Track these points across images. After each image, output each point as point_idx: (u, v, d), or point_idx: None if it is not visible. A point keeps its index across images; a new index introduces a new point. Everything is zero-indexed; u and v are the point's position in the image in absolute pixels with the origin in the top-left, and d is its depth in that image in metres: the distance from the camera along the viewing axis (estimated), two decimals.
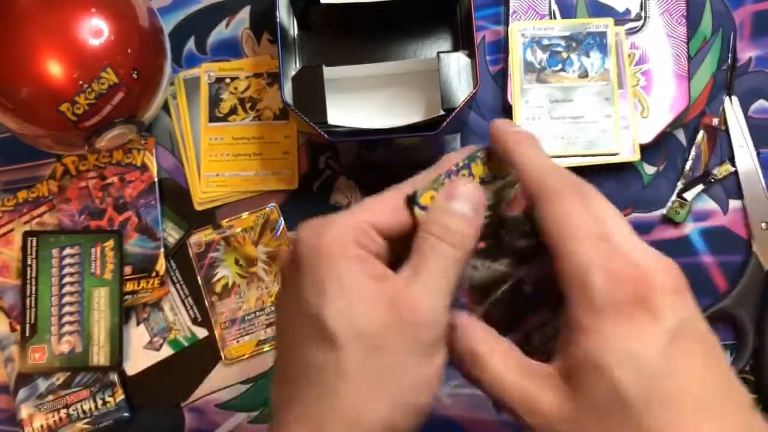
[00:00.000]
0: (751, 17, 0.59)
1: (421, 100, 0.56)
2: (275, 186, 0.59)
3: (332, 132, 0.52)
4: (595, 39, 0.57)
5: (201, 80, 0.60)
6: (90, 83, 0.49)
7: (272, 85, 0.60)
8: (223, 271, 0.58)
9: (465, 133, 0.59)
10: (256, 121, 0.60)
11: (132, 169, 0.59)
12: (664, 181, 0.58)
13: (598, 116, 0.56)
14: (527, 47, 0.58)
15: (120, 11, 0.51)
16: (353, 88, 0.57)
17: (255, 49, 0.61)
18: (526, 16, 0.59)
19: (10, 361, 0.57)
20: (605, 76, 0.57)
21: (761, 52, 0.59)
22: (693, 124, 0.59)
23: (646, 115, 0.57)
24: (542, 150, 0.35)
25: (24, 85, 0.49)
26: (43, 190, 0.59)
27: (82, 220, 0.58)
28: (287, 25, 0.56)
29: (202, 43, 0.61)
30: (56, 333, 0.56)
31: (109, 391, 0.57)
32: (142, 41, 0.52)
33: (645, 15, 0.58)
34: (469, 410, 0.56)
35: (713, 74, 0.59)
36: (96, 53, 0.49)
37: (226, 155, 0.59)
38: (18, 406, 0.57)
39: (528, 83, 0.57)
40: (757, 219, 0.57)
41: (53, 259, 0.57)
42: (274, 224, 0.58)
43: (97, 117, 0.50)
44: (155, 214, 0.59)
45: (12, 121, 0.51)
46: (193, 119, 0.60)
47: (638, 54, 0.58)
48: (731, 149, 0.58)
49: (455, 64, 0.52)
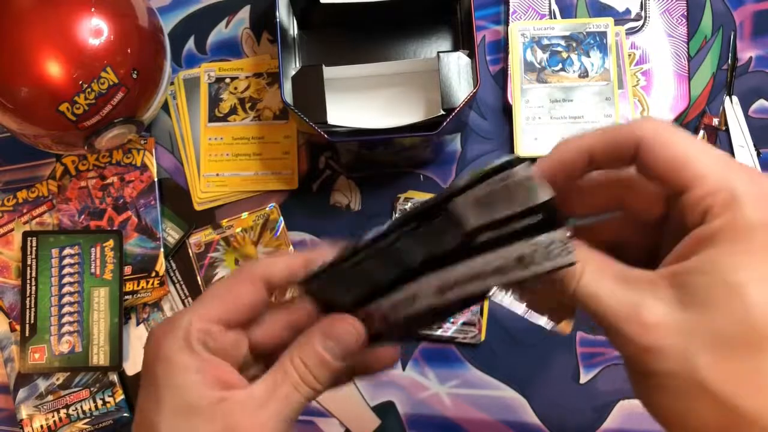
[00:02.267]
0: (751, 17, 0.59)
1: (421, 100, 0.56)
2: (275, 186, 0.59)
3: (332, 132, 0.52)
4: (595, 39, 0.57)
5: (201, 80, 0.60)
6: (90, 83, 0.49)
7: (272, 85, 0.60)
8: (223, 271, 0.58)
9: (465, 133, 0.59)
10: (256, 121, 0.60)
11: (132, 169, 0.59)
12: None
13: (598, 116, 0.56)
14: (527, 47, 0.58)
15: (120, 11, 0.51)
16: (353, 88, 0.57)
17: (255, 49, 0.61)
18: (526, 16, 0.59)
19: (10, 361, 0.57)
20: (605, 76, 0.57)
21: (761, 51, 0.59)
22: (693, 124, 0.59)
23: (646, 114, 0.57)
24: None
25: (24, 85, 0.49)
26: (43, 190, 0.59)
27: (82, 220, 0.58)
28: (287, 25, 0.56)
29: (201, 42, 0.61)
30: (56, 333, 0.56)
31: (109, 391, 0.57)
32: (142, 41, 0.52)
33: (645, 15, 0.58)
34: (469, 410, 0.56)
35: (713, 74, 0.59)
36: (96, 53, 0.49)
37: (226, 155, 0.59)
38: (18, 406, 0.57)
39: (528, 83, 0.57)
40: None
41: (53, 259, 0.57)
42: (274, 224, 0.58)
43: (96, 117, 0.50)
44: (155, 214, 0.59)
45: (12, 121, 0.51)
46: (192, 119, 0.60)
47: (638, 54, 0.58)
48: (731, 149, 0.58)
49: (455, 64, 0.52)
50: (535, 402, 0.56)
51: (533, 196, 0.27)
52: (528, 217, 0.28)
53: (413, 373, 0.57)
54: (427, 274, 0.31)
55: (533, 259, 0.28)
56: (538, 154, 0.56)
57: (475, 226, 0.28)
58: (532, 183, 0.27)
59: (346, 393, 0.57)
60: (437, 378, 0.57)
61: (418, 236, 0.30)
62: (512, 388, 0.56)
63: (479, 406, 0.56)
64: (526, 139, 0.57)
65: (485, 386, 0.56)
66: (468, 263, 0.30)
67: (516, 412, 0.56)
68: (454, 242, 0.29)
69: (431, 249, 0.30)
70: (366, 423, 0.57)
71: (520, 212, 0.27)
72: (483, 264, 0.29)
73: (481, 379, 0.56)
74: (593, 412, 0.56)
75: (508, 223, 0.28)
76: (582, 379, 0.56)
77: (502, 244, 0.28)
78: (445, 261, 0.30)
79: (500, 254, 0.29)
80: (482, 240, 0.29)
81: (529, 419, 0.56)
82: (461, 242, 0.29)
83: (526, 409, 0.56)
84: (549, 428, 0.56)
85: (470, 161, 0.59)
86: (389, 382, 0.57)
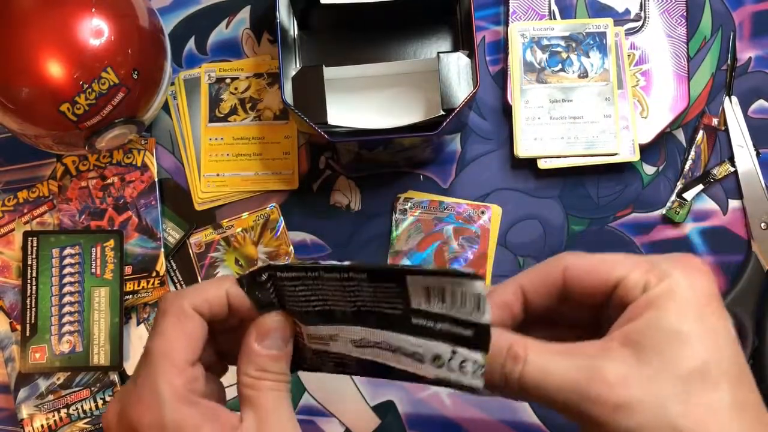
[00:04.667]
0: (750, 17, 0.60)
1: (421, 100, 0.56)
2: (275, 186, 0.59)
3: (332, 132, 0.52)
4: (595, 39, 0.57)
5: (201, 80, 0.61)
6: (90, 83, 0.49)
7: (272, 85, 0.60)
8: (224, 271, 0.58)
9: (465, 133, 0.59)
10: (257, 122, 0.60)
11: (132, 169, 0.59)
12: (663, 181, 0.58)
13: (597, 116, 0.57)
14: (527, 47, 0.58)
15: (120, 11, 0.51)
16: (353, 88, 0.57)
17: (255, 50, 0.61)
18: (526, 16, 0.59)
19: (11, 360, 0.57)
20: (605, 76, 0.57)
21: (761, 52, 0.59)
22: (692, 124, 0.59)
23: (645, 115, 0.57)
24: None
25: (24, 86, 0.49)
26: (44, 190, 0.59)
27: (83, 220, 0.58)
28: (287, 25, 0.56)
29: (202, 43, 0.61)
30: (56, 333, 0.56)
31: (110, 391, 0.57)
32: (143, 41, 0.52)
33: (645, 15, 0.58)
34: (469, 410, 0.56)
35: (713, 74, 0.59)
36: (96, 53, 0.49)
37: (227, 155, 0.60)
38: (18, 405, 0.57)
39: (528, 83, 0.57)
40: (756, 219, 0.57)
41: (53, 259, 0.57)
42: (275, 224, 0.58)
43: (97, 117, 0.51)
44: (155, 214, 0.59)
45: (13, 121, 0.51)
46: (193, 119, 0.60)
47: (638, 54, 0.58)
48: (731, 149, 0.58)
49: (455, 64, 0.52)
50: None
51: (476, 313, 0.29)
52: (462, 327, 0.29)
53: None
54: (356, 325, 0.32)
55: (447, 364, 0.30)
56: (538, 154, 0.57)
57: (418, 307, 0.30)
58: (482, 302, 0.28)
59: (346, 393, 0.57)
60: None
61: (370, 288, 0.31)
62: None
63: (479, 405, 0.56)
64: (525, 140, 0.57)
65: None
66: (394, 335, 0.31)
67: (516, 411, 0.56)
68: (395, 311, 0.31)
69: (376, 305, 0.31)
70: (366, 423, 0.57)
71: (459, 319, 0.29)
72: (406, 343, 0.31)
73: None
74: None
75: (445, 321, 0.30)
76: None
77: (432, 336, 0.30)
78: (378, 324, 0.32)
79: (424, 343, 0.31)
80: (418, 323, 0.30)
81: (528, 419, 0.56)
82: (401, 315, 0.31)
83: (525, 408, 0.56)
84: (549, 428, 0.56)
85: (470, 161, 0.59)
86: (389, 381, 0.57)
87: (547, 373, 0.29)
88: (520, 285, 0.34)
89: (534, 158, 0.57)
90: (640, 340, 0.28)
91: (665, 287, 0.29)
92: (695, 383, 0.27)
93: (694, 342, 0.28)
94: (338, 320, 0.33)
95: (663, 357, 0.28)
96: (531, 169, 0.58)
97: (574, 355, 0.29)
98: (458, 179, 0.59)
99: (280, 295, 0.34)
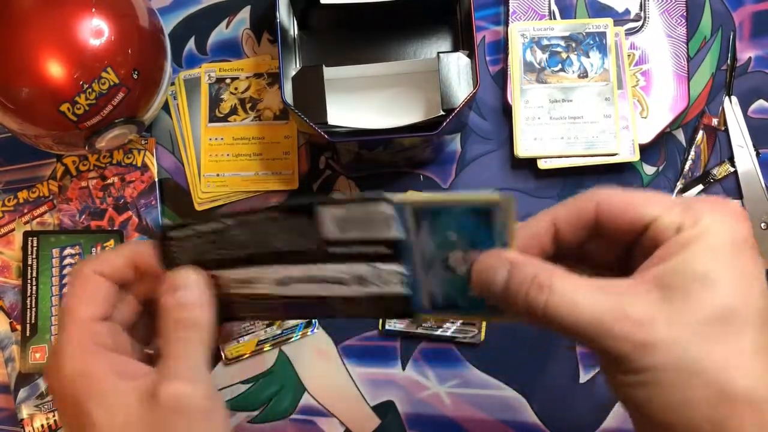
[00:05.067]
0: (750, 17, 0.60)
1: (421, 100, 0.56)
2: (275, 186, 0.59)
3: (332, 132, 0.52)
4: (595, 39, 0.57)
5: (201, 80, 0.61)
6: (90, 83, 0.49)
7: (272, 85, 0.60)
8: None
9: (465, 133, 0.59)
10: (257, 122, 0.60)
11: (132, 170, 0.59)
12: (663, 181, 0.58)
13: (597, 116, 0.57)
14: (527, 47, 0.58)
15: (120, 11, 0.51)
16: (353, 88, 0.57)
17: (255, 50, 0.61)
18: (525, 16, 0.59)
19: (11, 360, 0.57)
20: (605, 76, 0.57)
21: (761, 52, 0.59)
22: (692, 125, 0.59)
23: (645, 115, 0.57)
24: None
25: (25, 86, 0.49)
26: (44, 190, 0.59)
27: (83, 220, 0.58)
28: (287, 25, 0.56)
29: (202, 43, 0.61)
30: (57, 333, 0.56)
31: None
32: (143, 41, 0.52)
33: (644, 15, 0.58)
34: (469, 410, 0.56)
35: (713, 74, 0.59)
36: (96, 53, 0.49)
37: (227, 155, 0.60)
38: (18, 405, 0.57)
39: (528, 83, 0.57)
40: (756, 219, 0.57)
41: (54, 259, 0.57)
42: None
43: (97, 117, 0.51)
44: (156, 214, 0.59)
45: (13, 121, 0.51)
46: (193, 119, 0.60)
47: (638, 54, 0.58)
48: (731, 149, 0.58)
49: (455, 64, 0.52)
50: (534, 402, 0.56)
51: (386, 230, 0.31)
52: (376, 246, 0.31)
53: (413, 372, 0.57)
54: (275, 264, 0.34)
55: (372, 281, 0.32)
56: (538, 154, 0.57)
57: (332, 237, 0.32)
58: (390, 220, 0.30)
59: (346, 393, 0.57)
60: (437, 378, 0.57)
61: (283, 226, 0.32)
62: (512, 388, 0.56)
63: (479, 405, 0.56)
64: (525, 140, 0.57)
65: (485, 386, 0.56)
66: (315, 266, 0.33)
67: (516, 411, 0.56)
68: (310, 245, 0.32)
69: (290, 243, 0.33)
70: (366, 423, 0.57)
71: (372, 239, 0.31)
72: (329, 271, 0.33)
73: (481, 379, 0.56)
74: (593, 411, 0.56)
75: (359, 244, 0.31)
76: (582, 378, 0.56)
77: (350, 260, 0.32)
78: (296, 259, 0.33)
79: (345, 269, 0.32)
80: (334, 251, 0.32)
81: (528, 419, 0.56)
82: (316, 248, 0.32)
83: (525, 408, 0.56)
84: (549, 428, 0.56)
85: (470, 161, 0.59)
86: (389, 381, 0.57)
87: (573, 305, 0.29)
88: (552, 218, 0.34)
89: (534, 158, 0.57)
90: (669, 281, 0.28)
91: (699, 230, 0.29)
92: (719, 326, 0.28)
93: (723, 285, 0.28)
94: (257, 263, 0.34)
95: (689, 299, 0.28)
96: (531, 169, 0.58)
97: (602, 291, 0.29)
98: (458, 179, 0.59)
99: (192, 251, 0.35)
